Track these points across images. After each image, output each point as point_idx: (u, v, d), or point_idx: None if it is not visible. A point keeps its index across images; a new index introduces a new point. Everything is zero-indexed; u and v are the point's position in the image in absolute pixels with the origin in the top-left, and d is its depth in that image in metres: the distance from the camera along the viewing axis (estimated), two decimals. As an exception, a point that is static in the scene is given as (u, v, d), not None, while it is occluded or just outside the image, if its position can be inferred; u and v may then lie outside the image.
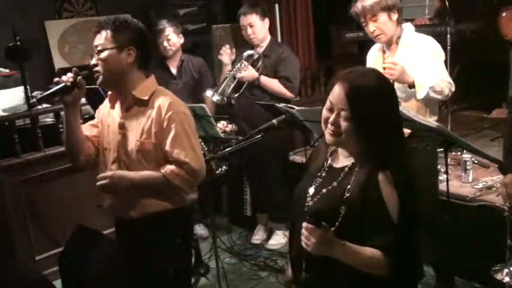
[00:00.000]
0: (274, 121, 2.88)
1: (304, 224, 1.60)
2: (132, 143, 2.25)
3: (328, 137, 1.68)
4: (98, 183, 2.24)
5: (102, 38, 2.19)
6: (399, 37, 2.94)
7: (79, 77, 2.19)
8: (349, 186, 1.65)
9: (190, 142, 2.23)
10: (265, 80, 3.81)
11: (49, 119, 3.93)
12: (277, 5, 5.17)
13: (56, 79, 2.19)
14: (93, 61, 2.22)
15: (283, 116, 2.96)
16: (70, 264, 3.16)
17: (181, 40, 4.06)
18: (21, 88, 3.82)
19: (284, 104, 3.22)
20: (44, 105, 3.99)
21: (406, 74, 2.79)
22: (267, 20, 3.87)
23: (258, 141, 2.87)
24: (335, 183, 1.70)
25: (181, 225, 2.37)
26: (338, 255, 1.61)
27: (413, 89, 2.80)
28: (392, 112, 1.67)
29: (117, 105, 2.32)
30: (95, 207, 3.66)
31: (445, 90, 2.86)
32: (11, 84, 4.22)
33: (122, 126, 2.28)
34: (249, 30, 3.81)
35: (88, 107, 3.87)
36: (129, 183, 2.24)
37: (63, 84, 2.18)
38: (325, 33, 6.40)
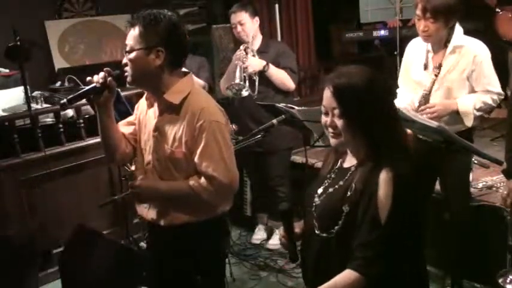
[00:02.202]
0: (274, 121, 2.88)
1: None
2: (163, 150, 2.14)
3: (331, 141, 1.73)
4: (129, 190, 2.19)
5: (131, 36, 2.06)
6: (448, 41, 2.82)
7: (109, 79, 2.07)
8: (352, 185, 1.67)
9: (221, 154, 2.08)
10: (274, 69, 3.78)
11: (49, 119, 3.93)
12: (277, 5, 5.18)
13: (89, 78, 2.10)
14: (124, 60, 2.10)
15: (283, 116, 2.96)
16: (70, 264, 3.16)
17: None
18: (21, 88, 3.82)
19: (284, 104, 3.21)
20: (44, 105, 4.01)
21: (448, 105, 2.80)
22: (257, 19, 3.87)
23: (260, 140, 2.87)
24: (341, 182, 1.74)
25: (211, 236, 2.23)
26: None
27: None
28: (382, 105, 1.68)
29: (155, 105, 2.19)
30: (95, 207, 3.66)
31: (493, 104, 2.85)
32: (11, 84, 4.22)
33: (156, 130, 2.17)
34: (239, 28, 3.81)
35: (88, 107, 3.87)
36: (156, 193, 2.17)
37: (94, 85, 2.08)
38: (325, 33, 6.40)
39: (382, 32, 5.03)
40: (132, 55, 2.06)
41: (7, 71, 4.39)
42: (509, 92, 2.84)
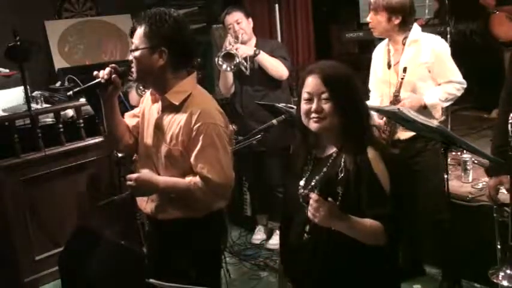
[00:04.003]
0: (274, 121, 2.88)
1: (315, 196, 1.70)
2: (161, 147, 2.19)
3: (314, 126, 1.81)
4: (126, 183, 2.21)
5: (137, 35, 2.11)
6: (406, 37, 2.97)
7: (114, 75, 2.12)
8: (341, 168, 1.78)
9: (217, 156, 2.12)
10: (265, 55, 3.77)
11: (49, 119, 3.93)
12: (277, 5, 5.17)
13: (95, 73, 2.15)
14: (129, 57, 2.16)
15: (283, 116, 2.96)
16: (70, 264, 3.16)
17: None
18: (21, 88, 3.82)
19: (284, 104, 3.22)
20: (44, 105, 4.01)
21: (414, 102, 2.91)
22: (250, 20, 3.90)
23: (259, 139, 2.88)
24: (325, 169, 1.84)
25: (205, 233, 2.25)
26: (341, 228, 1.73)
27: (427, 109, 2.93)
28: (360, 95, 1.86)
29: (159, 101, 2.23)
30: (95, 207, 3.67)
31: (457, 93, 2.96)
32: (11, 84, 4.22)
33: (156, 126, 2.22)
34: (237, 27, 3.81)
35: (88, 107, 3.87)
36: (153, 188, 2.18)
37: (99, 80, 2.13)
38: (325, 33, 6.40)
39: (382, 32, 5.03)
40: (137, 53, 2.12)
41: (7, 71, 4.39)
42: (503, 94, 2.84)
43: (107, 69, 2.13)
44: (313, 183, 1.85)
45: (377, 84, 3.16)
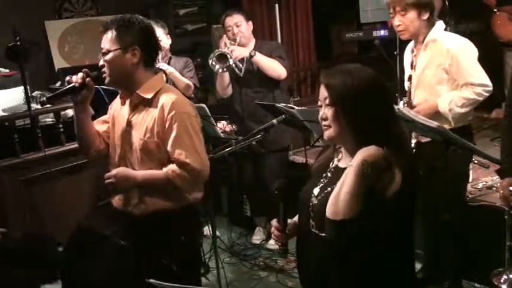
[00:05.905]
0: (274, 121, 2.88)
1: None
2: (136, 142, 2.28)
3: (324, 134, 1.73)
4: (105, 181, 2.27)
5: (107, 39, 2.21)
6: (425, 37, 2.85)
7: (87, 79, 2.23)
8: None
9: (192, 142, 2.22)
10: (261, 56, 3.77)
11: (49, 119, 3.93)
12: (277, 5, 5.18)
13: (68, 78, 2.26)
14: (101, 62, 2.25)
15: (283, 116, 2.96)
16: (70, 265, 3.16)
17: (169, 41, 4.03)
18: (21, 88, 3.82)
19: (284, 104, 3.22)
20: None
21: (430, 106, 2.81)
22: (250, 23, 3.90)
23: (258, 140, 2.89)
24: (338, 182, 1.70)
25: (184, 224, 2.36)
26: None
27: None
28: (375, 103, 1.66)
29: (128, 102, 2.34)
30: (95, 207, 3.67)
31: (477, 97, 2.79)
32: (11, 84, 4.22)
33: (128, 124, 2.31)
34: (235, 29, 3.81)
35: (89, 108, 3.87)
36: (133, 182, 2.26)
37: (72, 84, 2.23)
38: (325, 33, 6.41)
39: (382, 32, 5.04)
40: (109, 56, 2.21)
41: (7, 71, 4.39)
42: (506, 94, 2.83)
43: (80, 74, 2.24)
44: (321, 196, 1.75)
45: (405, 86, 3.06)
